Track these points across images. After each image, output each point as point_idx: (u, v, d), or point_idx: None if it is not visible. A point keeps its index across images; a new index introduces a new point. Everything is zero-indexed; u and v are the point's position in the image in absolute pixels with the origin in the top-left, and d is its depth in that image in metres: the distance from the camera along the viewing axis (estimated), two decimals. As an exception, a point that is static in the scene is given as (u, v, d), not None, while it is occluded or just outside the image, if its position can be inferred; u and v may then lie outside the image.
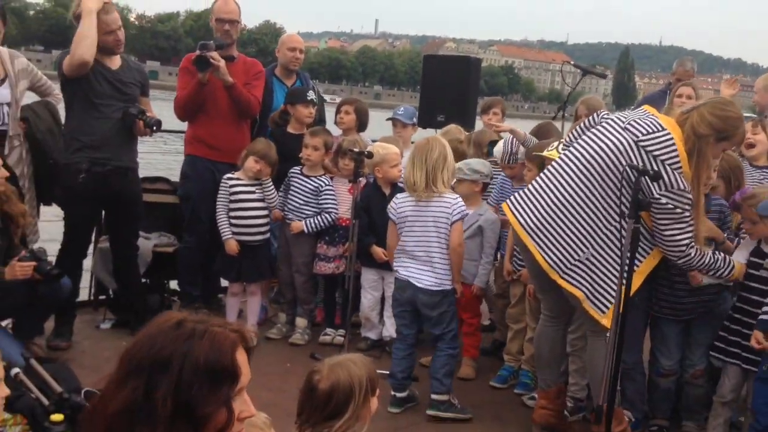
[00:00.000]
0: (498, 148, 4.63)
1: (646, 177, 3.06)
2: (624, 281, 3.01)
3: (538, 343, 3.72)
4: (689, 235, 3.24)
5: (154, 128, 4.51)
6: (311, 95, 5.09)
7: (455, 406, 3.88)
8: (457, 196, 4.01)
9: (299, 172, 4.86)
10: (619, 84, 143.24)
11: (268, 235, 4.87)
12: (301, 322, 4.91)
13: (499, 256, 4.77)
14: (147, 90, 4.73)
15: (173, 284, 5.36)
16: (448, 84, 6.82)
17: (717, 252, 3.41)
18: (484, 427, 3.87)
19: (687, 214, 3.20)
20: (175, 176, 5.36)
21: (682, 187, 3.15)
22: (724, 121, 3.19)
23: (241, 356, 1.47)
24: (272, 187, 4.77)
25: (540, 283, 3.57)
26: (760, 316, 3.29)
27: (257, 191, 4.74)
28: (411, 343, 3.99)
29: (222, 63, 4.73)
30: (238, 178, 4.75)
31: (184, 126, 5.20)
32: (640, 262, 3.26)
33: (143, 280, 5.03)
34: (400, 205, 3.98)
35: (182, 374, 1.38)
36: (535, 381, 4.07)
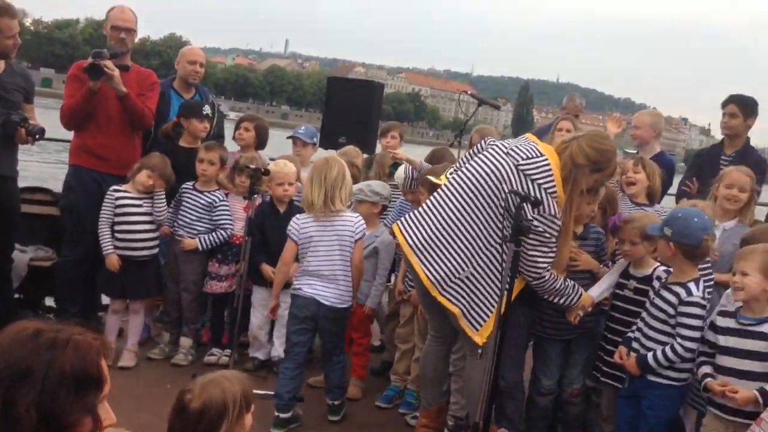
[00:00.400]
0: (399, 174, 4.74)
1: (527, 203, 3.19)
2: (503, 303, 3.11)
3: (423, 362, 3.80)
4: (550, 259, 3.39)
5: (37, 137, 4.32)
6: (207, 110, 5.01)
7: (344, 401, 4.15)
8: (357, 214, 4.10)
9: (191, 187, 4.76)
10: (519, 117, 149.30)
11: (155, 250, 4.72)
12: (185, 341, 4.77)
13: (393, 277, 4.83)
14: (31, 97, 4.54)
15: (49, 301, 5.11)
16: (351, 107, 6.90)
17: (568, 280, 3.55)
18: (368, 448, 3.89)
19: (553, 239, 3.36)
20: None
21: (553, 212, 3.31)
22: (600, 153, 3.39)
23: (103, 363, 1.49)
24: (164, 200, 4.63)
25: (426, 302, 3.65)
26: (627, 334, 3.49)
27: (145, 205, 4.59)
28: (301, 362, 3.99)
29: (116, 72, 4.60)
30: (125, 191, 4.59)
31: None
32: (514, 281, 3.38)
33: (16, 296, 4.77)
34: (303, 225, 3.96)
35: (46, 384, 1.37)
36: (419, 400, 4.13)
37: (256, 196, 4.38)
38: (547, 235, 3.31)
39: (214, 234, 4.70)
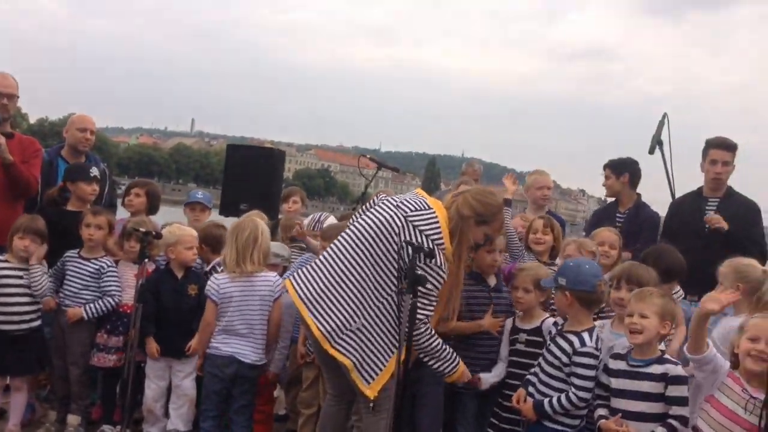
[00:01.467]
0: (307, 220, 4.94)
1: (420, 254, 3.20)
2: (402, 356, 3.06)
3: (322, 423, 3.68)
4: (429, 311, 3.33)
5: None
6: (95, 171, 4.86)
7: None
8: (275, 273, 4.20)
9: (76, 255, 4.54)
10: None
11: (37, 323, 4.40)
12: (73, 419, 4.46)
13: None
14: None
15: None
16: (252, 174, 6.88)
17: (447, 347, 3.45)
18: None
19: (435, 291, 3.31)
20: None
21: (440, 263, 3.29)
22: (484, 206, 3.47)
23: None
24: (40, 271, 4.33)
25: (322, 358, 3.55)
26: (526, 377, 3.51)
27: (25, 276, 4.32)
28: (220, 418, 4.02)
29: (3, 140, 4.46)
30: (5, 260, 4.33)
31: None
32: (412, 333, 3.33)
33: None
34: (222, 285, 4.02)
35: None
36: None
37: (147, 260, 4.20)
38: (430, 285, 3.25)
39: (100, 302, 4.46)
